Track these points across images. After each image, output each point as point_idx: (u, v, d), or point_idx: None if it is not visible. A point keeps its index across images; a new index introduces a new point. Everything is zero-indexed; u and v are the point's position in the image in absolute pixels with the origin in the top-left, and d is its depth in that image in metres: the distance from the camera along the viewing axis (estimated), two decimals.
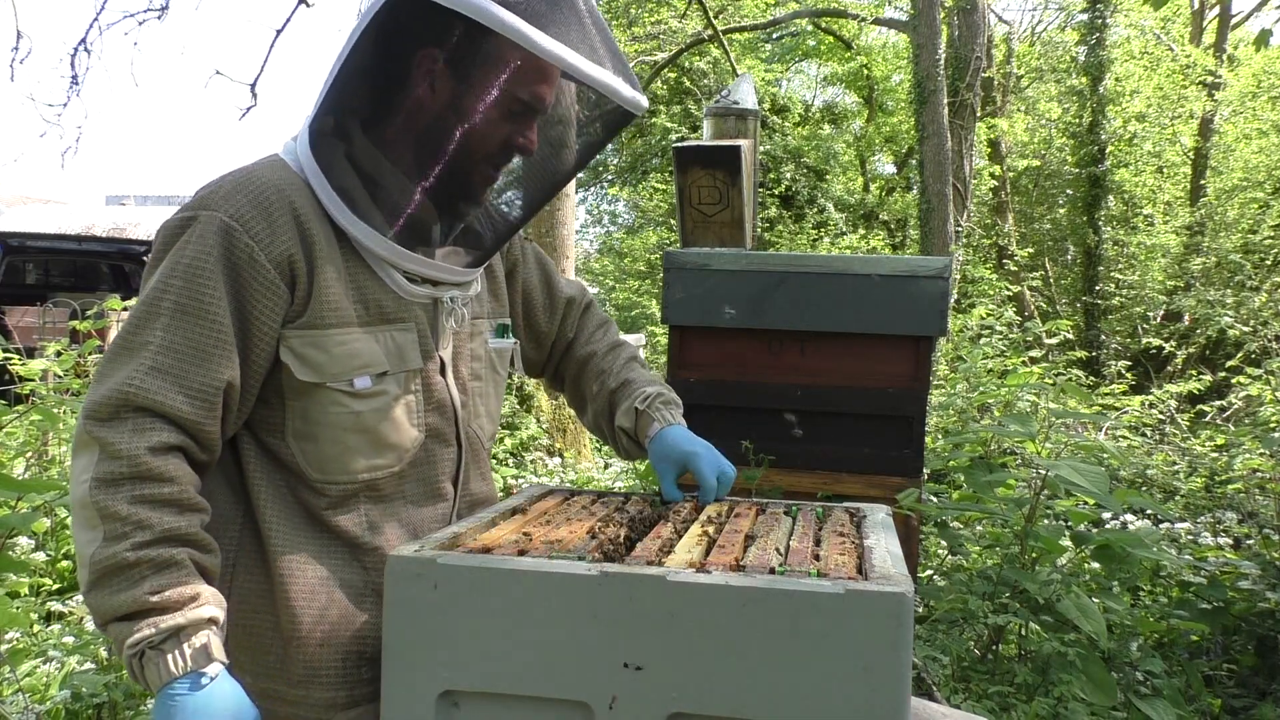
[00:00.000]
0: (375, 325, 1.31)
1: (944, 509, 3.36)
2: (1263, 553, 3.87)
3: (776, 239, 16.96)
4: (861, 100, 22.75)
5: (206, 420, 1.22)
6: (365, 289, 1.31)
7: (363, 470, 1.32)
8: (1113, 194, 14.70)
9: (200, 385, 1.20)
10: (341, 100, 1.27)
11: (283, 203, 1.25)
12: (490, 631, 1.13)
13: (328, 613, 1.29)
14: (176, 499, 1.17)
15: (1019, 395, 5.40)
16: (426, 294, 1.36)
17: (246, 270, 1.22)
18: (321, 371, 1.27)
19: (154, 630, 1.12)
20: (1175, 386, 8.56)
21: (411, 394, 1.35)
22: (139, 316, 1.21)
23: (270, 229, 1.23)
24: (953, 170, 12.45)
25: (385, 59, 1.26)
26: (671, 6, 17.51)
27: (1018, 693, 2.80)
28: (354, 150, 1.28)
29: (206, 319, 1.20)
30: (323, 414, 1.28)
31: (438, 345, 1.39)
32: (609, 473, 7.25)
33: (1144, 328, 13.70)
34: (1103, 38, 14.34)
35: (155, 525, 1.14)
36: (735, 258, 3.01)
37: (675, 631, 1.09)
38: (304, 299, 1.26)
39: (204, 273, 1.20)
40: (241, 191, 1.24)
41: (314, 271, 1.26)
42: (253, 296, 1.23)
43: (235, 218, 1.22)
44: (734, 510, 1.54)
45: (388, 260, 1.30)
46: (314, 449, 1.30)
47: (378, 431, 1.31)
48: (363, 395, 1.29)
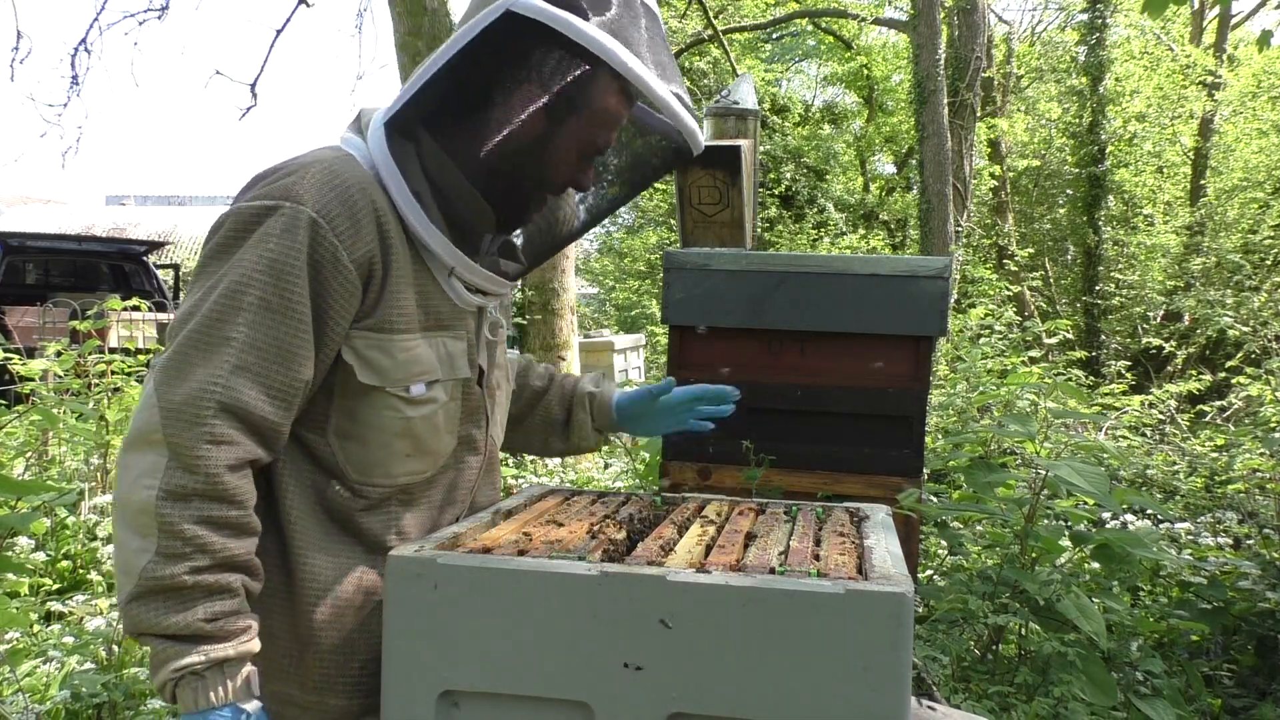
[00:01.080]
0: (433, 332, 1.31)
1: (944, 509, 3.36)
2: (1263, 553, 3.87)
3: (776, 239, 16.96)
4: (861, 100, 22.75)
5: (284, 421, 1.20)
6: (428, 294, 1.30)
7: (402, 474, 1.31)
8: (1113, 194, 14.71)
9: (283, 385, 1.18)
10: (428, 107, 1.26)
11: (366, 202, 1.23)
12: (490, 631, 1.13)
13: (344, 618, 1.28)
14: (239, 523, 1.16)
15: (1019, 395, 5.40)
16: (477, 303, 1.38)
17: (329, 270, 1.19)
18: (384, 376, 1.26)
19: (203, 659, 1.11)
20: (1175, 386, 8.56)
21: (454, 401, 1.35)
22: (219, 309, 1.16)
23: (355, 229, 1.21)
24: (953, 170, 12.45)
25: (481, 74, 1.25)
26: (671, 6, 17.50)
27: (1018, 693, 2.80)
28: (431, 158, 1.27)
29: (292, 318, 1.17)
30: (375, 416, 1.27)
31: (479, 354, 1.40)
32: (609, 473, 7.25)
33: (1144, 328, 13.70)
34: (1103, 38, 14.35)
35: (216, 550, 1.13)
36: (735, 258, 3.01)
37: (675, 631, 1.09)
38: (375, 301, 1.24)
39: (291, 270, 1.17)
40: (328, 187, 1.20)
41: (388, 274, 1.24)
42: (331, 296, 1.21)
43: (323, 214, 1.19)
44: (734, 510, 1.54)
45: (453, 269, 1.31)
46: (359, 450, 1.28)
47: (422, 437, 1.31)
48: (416, 402, 1.28)
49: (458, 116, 1.28)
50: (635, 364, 10.41)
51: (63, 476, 4.66)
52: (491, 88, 1.26)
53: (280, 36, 8.92)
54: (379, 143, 1.26)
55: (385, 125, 1.26)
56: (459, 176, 1.28)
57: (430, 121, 1.27)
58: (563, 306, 7.98)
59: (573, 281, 8.32)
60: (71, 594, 3.75)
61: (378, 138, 1.26)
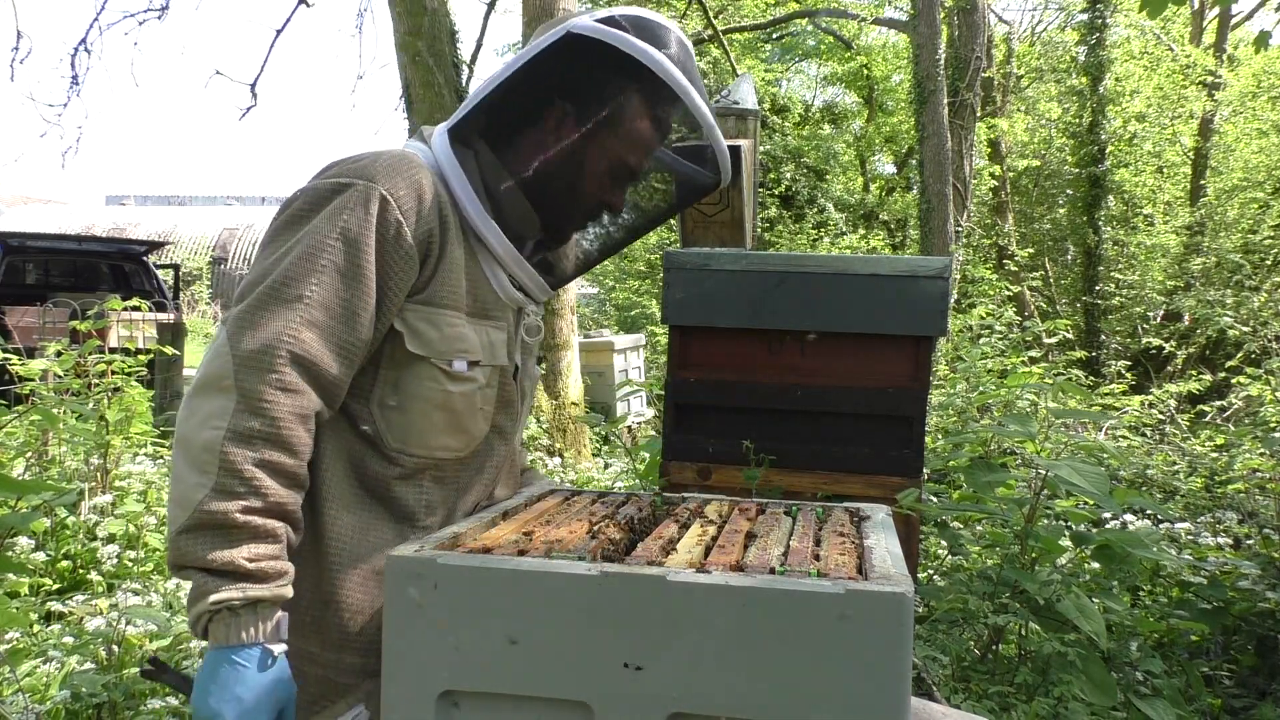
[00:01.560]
0: (478, 318, 1.41)
1: (944, 509, 3.36)
2: (1263, 553, 3.88)
3: (776, 239, 16.96)
4: (861, 100, 22.75)
5: (345, 378, 1.29)
6: (476, 282, 1.41)
7: (438, 448, 1.39)
8: (1113, 194, 14.71)
9: (348, 344, 1.27)
10: (487, 120, 1.40)
11: (430, 187, 1.34)
12: (490, 631, 1.13)
13: (367, 581, 1.34)
14: (294, 472, 1.23)
15: (1019, 395, 5.41)
16: (519, 300, 1.49)
17: (392, 244, 1.29)
18: (430, 347, 1.35)
19: (240, 595, 1.16)
20: (1175, 386, 8.57)
21: (491, 388, 1.44)
22: (294, 270, 1.25)
23: (418, 209, 1.32)
24: (953, 170, 12.45)
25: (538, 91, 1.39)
26: (671, 7, 17.50)
27: (1018, 693, 2.80)
28: (488, 165, 1.41)
29: (360, 283, 1.27)
30: (418, 386, 1.35)
31: (515, 352, 1.51)
32: (609, 473, 7.25)
33: (1144, 328, 13.70)
34: (1103, 38, 14.35)
35: (270, 494, 1.19)
36: (735, 258, 3.01)
37: (675, 631, 1.09)
38: (429, 277, 1.35)
39: (363, 240, 1.27)
40: (399, 171, 1.32)
41: (443, 255, 1.35)
42: (393, 268, 1.30)
43: (391, 193, 1.29)
44: (734, 510, 1.54)
45: (503, 261, 1.42)
46: (400, 418, 1.36)
47: (460, 414, 1.39)
48: (457, 377, 1.37)
49: (513, 129, 1.41)
50: (635, 364, 10.41)
51: (63, 476, 4.66)
52: (547, 104, 1.40)
53: (280, 36, 8.92)
54: (443, 145, 1.40)
55: (449, 131, 1.41)
56: (510, 183, 1.41)
57: (488, 133, 1.41)
58: (563, 306, 7.98)
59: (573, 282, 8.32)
60: (71, 594, 3.75)
61: (442, 142, 1.41)
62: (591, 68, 1.36)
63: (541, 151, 1.40)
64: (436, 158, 1.40)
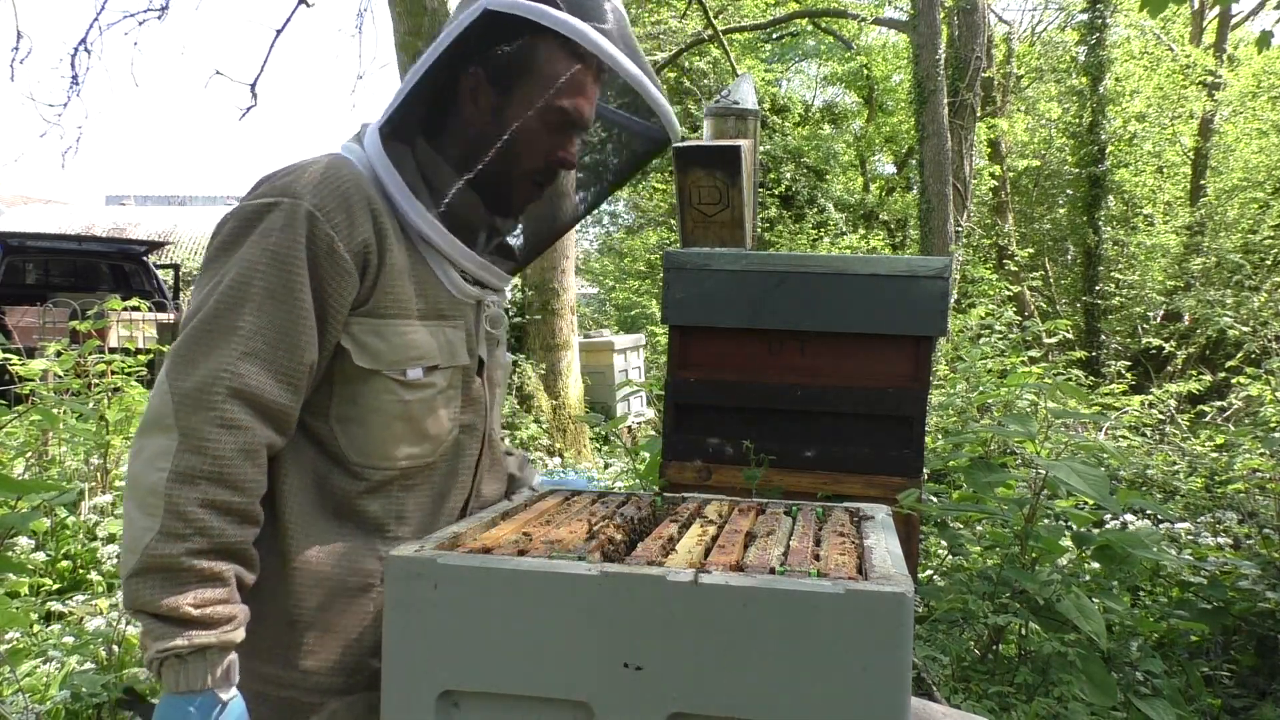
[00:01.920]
0: (432, 320, 1.37)
1: (944, 509, 3.36)
2: (1263, 553, 3.88)
3: (776, 239, 16.96)
4: (861, 100, 22.75)
5: (292, 404, 1.25)
6: (425, 284, 1.36)
7: (403, 458, 1.36)
8: (1113, 194, 14.71)
9: (290, 369, 1.24)
10: (415, 109, 1.36)
11: (361, 196, 1.30)
12: (490, 631, 1.13)
13: (335, 600, 1.32)
14: (243, 510, 1.20)
15: (1019, 395, 5.41)
16: (475, 295, 1.44)
17: (326, 259, 1.26)
18: (379, 359, 1.31)
19: (186, 643, 1.14)
20: (1175, 386, 8.57)
21: (454, 389, 1.40)
22: (226, 300, 1.22)
23: (349, 219, 1.27)
24: (953, 170, 12.45)
25: (451, 71, 1.34)
26: (671, 6, 17.51)
27: (1018, 693, 2.80)
28: (424, 156, 1.37)
29: (295, 305, 1.23)
30: (374, 400, 1.32)
31: (478, 346, 1.46)
32: (609, 473, 7.25)
33: (1144, 328, 13.71)
34: (1103, 38, 14.35)
35: (216, 535, 1.17)
36: (735, 258, 3.01)
37: (675, 631, 1.09)
38: (370, 287, 1.30)
39: (292, 259, 1.23)
40: (324, 183, 1.28)
41: (383, 262, 1.31)
42: (330, 284, 1.27)
43: (319, 207, 1.26)
44: (734, 510, 1.54)
45: (449, 256, 1.37)
46: (360, 433, 1.33)
47: (420, 422, 1.36)
48: (413, 385, 1.34)
49: (442, 115, 1.37)
50: (635, 364, 10.41)
51: (63, 476, 4.66)
52: (473, 86, 1.35)
53: (280, 36, 8.93)
54: (374, 145, 1.34)
55: (378, 130, 1.35)
56: (449, 171, 1.36)
57: (420, 123, 1.36)
58: (563, 306, 7.98)
59: (573, 281, 8.33)
60: (71, 594, 3.75)
61: (373, 141, 1.35)
62: (512, 43, 1.32)
63: (476, 136, 1.36)
64: (370, 159, 1.34)
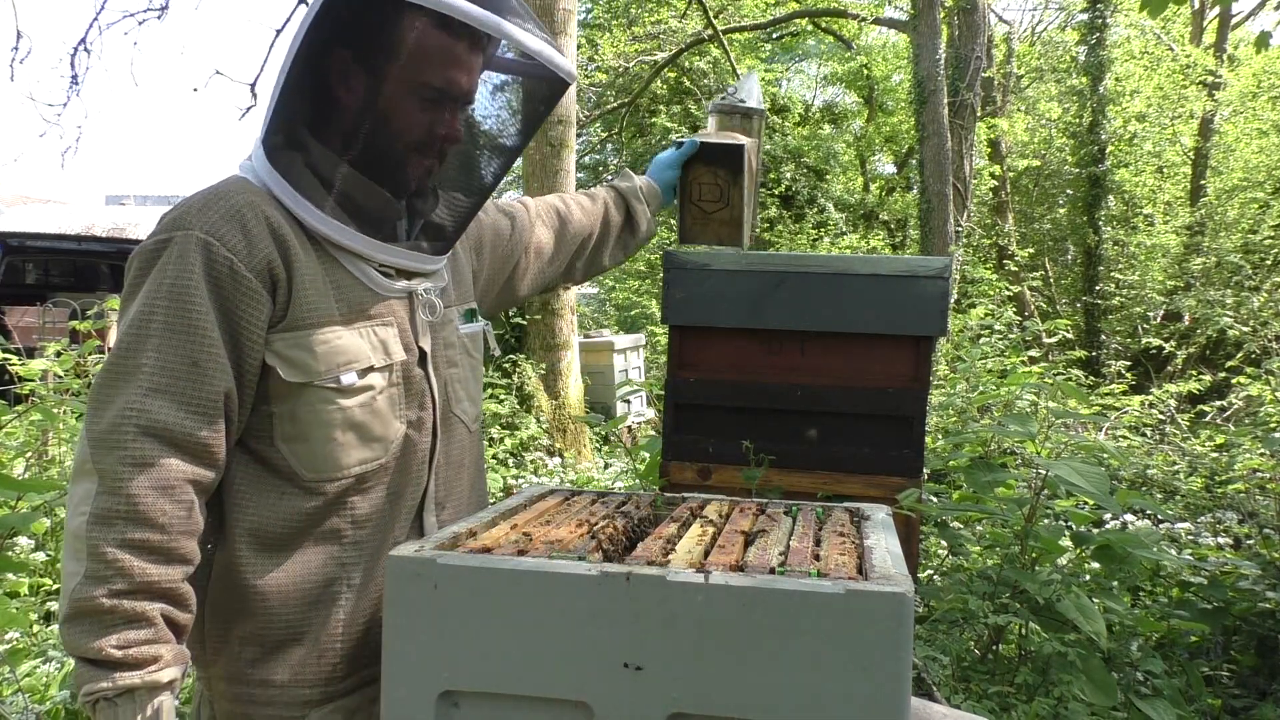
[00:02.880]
0: (358, 322, 1.34)
1: (944, 509, 3.36)
2: (1263, 553, 3.88)
3: (776, 239, 16.96)
4: (861, 100, 22.74)
5: (210, 434, 1.23)
6: (345, 289, 1.34)
7: (354, 465, 1.34)
8: (1113, 194, 14.70)
9: (199, 399, 1.22)
10: (287, 110, 1.32)
11: (255, 213, 1.27)
12: (490, 631, 1.13)
13: (304, 614, 1.32)
14: (165, 547, 1.17)
15: (1019, 395, 5.41)
16: (402, 288, 1.40)
17: (228, 283, 1.24)
18: (308, 371, 1.29)
19: (110, 685, 1.13)
20: (1175, 386, 8.56)
21: (395, 387, 1.38)
22: (128, 342, 1.22)
23: (246, 240, 1.25)
24: (953, 170, 12.45)
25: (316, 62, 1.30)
26: (671, 6, 17.50)
27: (1018, 693, 2.80)
28: (307, 154, 1.33)
29: (196, 334, 1.22)
30: (312, 413, 1.30)
31: (417, 338, 1.43)
32: (609, 473, 7.25)
33: (1144, 328, 13.70)
34: (1103, 38, 14.34)
35: (136, 575, 1.15)
36: (735, 258, 3.01)
37: (675, 631, 1.09)
38: (284, 303, 1.28)
39: (188, 290, 1.22)
40: (213, 208, 1.26)
41: (292, 275, 1.28)
42: (238, 308, 1.25)
43: (211, 233, 1.24)
44: (734, 510, 1.54)
45: (360, 254, 1.34)
46: (306, 449, 1.31)
47: (366, 426, 1.34)
48: (350, 391, 1.31)
49: (318, 109, 1.33)
50: (635, 364, 10.41)
51: (63, 476, 4.66)
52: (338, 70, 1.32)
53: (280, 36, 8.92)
54: (260, 159, 1.33)
55: (261, 143, 1.33)
56: (339, 166, 1.33)
57: (297, 122, 1.33)
58: (563, 306, 7.98)
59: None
60: None
61: (259, 155, 1.33)
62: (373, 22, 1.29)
63: (356, 124, 1.32)
64: (260, 174, 1.32)
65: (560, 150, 7.95)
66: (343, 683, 1.35)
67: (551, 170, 7.92)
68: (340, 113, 1.33)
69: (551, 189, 7.92)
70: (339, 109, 1.33)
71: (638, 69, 17.42)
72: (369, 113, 1.32)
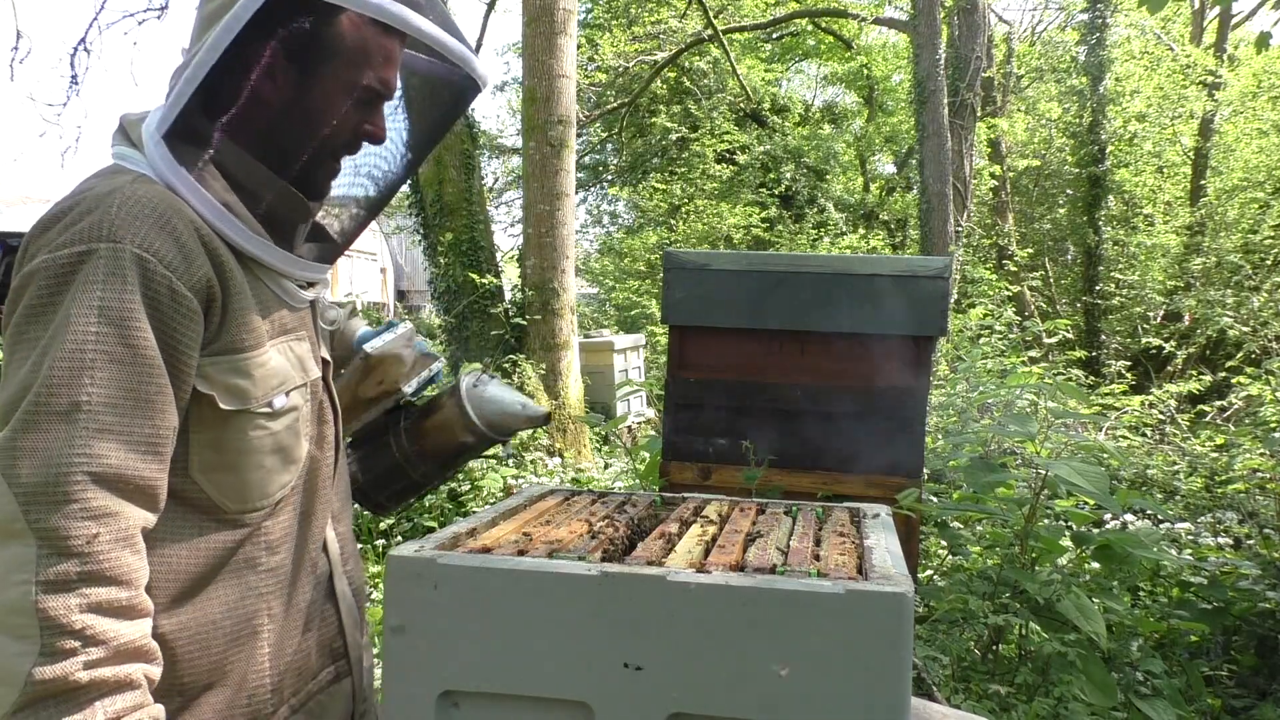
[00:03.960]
0: (278, 338, 1.25)
1: (944, 509, 3.36)
2: (1263, 553, 3.88)
3: (776, 239, 16.96)
4: (861, 100, 22.75)
5: (160, 475, 1.10)
6: (266, 303, 1.24)
7: (278, 491, 1.25)
8: (1113, 194, 14.70)
9: (151, 437, 1.08)
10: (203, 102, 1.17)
11: (185, 224, 1.13)
12: (490, 631, 1.13)
13: (226, 655, 1.22)
14: (131, 605, 1.05)
15: (1019, 395, 5.41)
16: (309, 298, 1.33)
17: (167, 304, 1.10)
18: (245, 397, 1.18)
19: None
20: (1175, 386, 8.57)
21: (307, 403, 1.30)
22: (59, 374, 1.04)
23: (183, 255, 1.12)
24: (953, 170, 12.45)
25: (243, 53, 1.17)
26: (671, 6, 17.51)
27: (1018, 693, 2.80)
28: (218, 154, 1.20)
29: (142, 365, 1.07)
30: (242, 440, 1.19)
31: (321, 348, 1.37)
32: (609, 473, 7.25)
33: (1144, 328, 13.70)
34: (1103, 38, 14.35)
35: (110, 640, 1.02)
36: (735, 258, 3.02)
37: (675, 631, 1.09)
38: (219, 323, 1.17)
39: (129, 315, 1.07)
40: (139, 217, 1.10)
41: (228, 294, 1.17)
42: (177, 332, 1.12)
43: (145, 248, 1.08)
44: (734, 510, 1.54)
45: (285, 272, 1.25)
46: (231, 479, 1.19)
47: (289, 448, 1.26)
48: (280, 414, 1.23)
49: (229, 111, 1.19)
50: (635, 364, 10.41)
51: None
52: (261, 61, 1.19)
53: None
54: (164, 157, 1.16)
55: (165, 138, 1.16)
56: (260, 168, 1.22)
57: (215, 119, 1.19)
58: (563, 306, 7.98)
59: (573, 281, 8.34)
60: None
61: (160, 152, 1.16)
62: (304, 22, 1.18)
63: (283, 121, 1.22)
64: (162, 173, 1.16)
65: (560, 150, 7.95)
66: (271, 717, 1.27)
67: (551, 170, 7.92)
68: (264, 111, 1.21)
69: (551, 189, 7.92)
70: (263, 106, 1.21)
71: (638, 69, 17.42)
72: (297, 111, 1.22)
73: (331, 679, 1.37)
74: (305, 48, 1.20)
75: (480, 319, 8.09)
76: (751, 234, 17.05)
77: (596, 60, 17.37)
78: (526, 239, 8.17)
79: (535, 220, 7.98)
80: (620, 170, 21.05)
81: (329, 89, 1.22)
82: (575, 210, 9.71)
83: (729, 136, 17.96)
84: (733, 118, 18.57)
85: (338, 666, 1.38)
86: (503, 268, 8.99)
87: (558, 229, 7.94)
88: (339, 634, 1.38)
